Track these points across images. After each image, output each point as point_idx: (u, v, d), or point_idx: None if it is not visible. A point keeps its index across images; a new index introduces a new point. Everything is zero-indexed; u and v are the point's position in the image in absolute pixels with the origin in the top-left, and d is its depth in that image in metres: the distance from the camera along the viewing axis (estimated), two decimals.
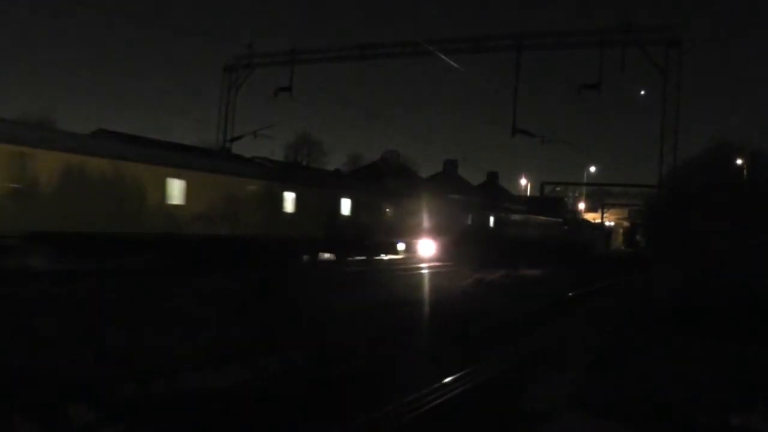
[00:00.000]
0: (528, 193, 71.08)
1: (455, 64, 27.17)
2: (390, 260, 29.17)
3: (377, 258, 28.42)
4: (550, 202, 60.28)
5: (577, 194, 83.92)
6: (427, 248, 31.06)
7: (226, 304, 12.19)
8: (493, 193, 56.56)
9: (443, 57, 26.91)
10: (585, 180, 73.82)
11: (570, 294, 20.91)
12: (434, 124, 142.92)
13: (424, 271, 24.44)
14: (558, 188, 69.34)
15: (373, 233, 27.06)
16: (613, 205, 79.17)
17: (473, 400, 7.70)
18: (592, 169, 72.07)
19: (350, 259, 26.23)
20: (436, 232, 30.74)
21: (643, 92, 42.31)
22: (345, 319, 11.97)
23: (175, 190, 17.57)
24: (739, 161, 37.69)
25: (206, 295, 12.96)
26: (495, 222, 39.04)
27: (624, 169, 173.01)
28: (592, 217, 77.74)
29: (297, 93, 31.91)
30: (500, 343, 11.19)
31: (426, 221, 30.27)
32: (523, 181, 74.81)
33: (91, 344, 8.34)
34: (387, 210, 28.51)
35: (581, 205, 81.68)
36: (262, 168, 24.27)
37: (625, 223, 78.91)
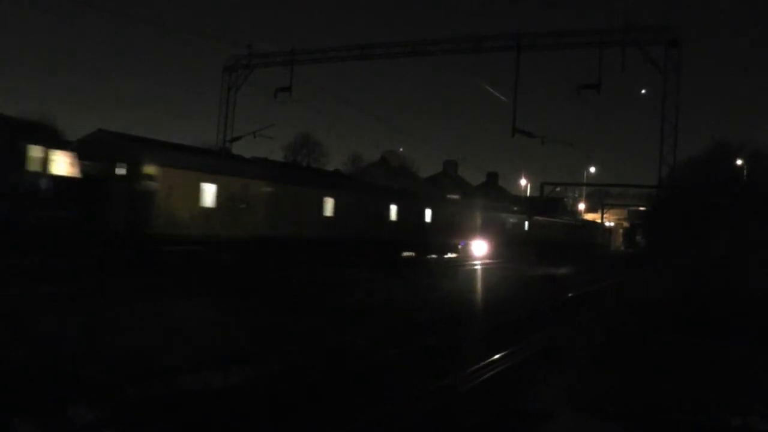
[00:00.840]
0: (528, 194, 70.82)
1: (455, 66, 27.27)
2: (454, 257, 34.10)
3: (444, 255, 33.51)
4: (553, 204, 61.18)
5: (577, 195, 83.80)
6: (479, 248, 37.00)
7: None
8: (524, 199, 64.33)
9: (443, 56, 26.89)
10: (585, 180, 73.71)
11: (603, 284, 23.78)
12: (434, 125, 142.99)
13: (488, 267, 29.94)
14: (558, 189, 69.10)
15: (442, 235, 32.24)
16: (612, 206, 79.09)
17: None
18: (592, 169, 72.00)
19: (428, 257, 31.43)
20: (484, 234, 36.77)
21: (644, 91, 42.16)
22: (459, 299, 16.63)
23: (328, 205, 23.59)
24: (738, 161, 37.77)
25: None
26: (529, 226, 45.24)
27: (624, 169, 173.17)
28: (592, 217, 77.73)
29: (297, 93, 31.88)
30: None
31: (478, 226, 36.38)
32: (523, 182, 74.72)
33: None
34: (453, 216, 33.92)
35: (581, 206, 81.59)
36: (375, 186, 31.85)
37: (625, 224, 78.91)
